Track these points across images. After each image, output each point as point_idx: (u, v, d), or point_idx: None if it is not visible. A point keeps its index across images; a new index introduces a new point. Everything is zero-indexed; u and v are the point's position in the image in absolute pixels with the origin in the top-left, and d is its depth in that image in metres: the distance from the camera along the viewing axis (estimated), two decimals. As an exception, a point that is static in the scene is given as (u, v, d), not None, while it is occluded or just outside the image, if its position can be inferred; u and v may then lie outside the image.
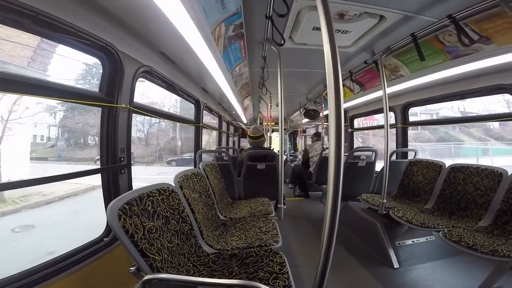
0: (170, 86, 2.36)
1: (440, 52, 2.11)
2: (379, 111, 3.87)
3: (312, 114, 5.32)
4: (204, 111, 3.48)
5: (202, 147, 3.48)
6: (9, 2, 0.95)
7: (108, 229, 1.56)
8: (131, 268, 0.99)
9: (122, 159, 1.63)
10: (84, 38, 1.31)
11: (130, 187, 1.72)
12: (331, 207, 0.73)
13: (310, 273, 2.04)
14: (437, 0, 1.63)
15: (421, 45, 2.04)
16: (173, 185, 1.54)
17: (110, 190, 1.59)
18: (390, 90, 2.82)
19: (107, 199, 1.59)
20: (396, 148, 3.48)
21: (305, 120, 6.06)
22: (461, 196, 2.22)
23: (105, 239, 1.52)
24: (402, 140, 3.44)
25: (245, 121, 7.14)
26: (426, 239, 2.35)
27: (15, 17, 1.01)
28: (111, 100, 1.56)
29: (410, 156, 3.31)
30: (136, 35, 1.61)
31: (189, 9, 1.21)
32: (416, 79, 2.54)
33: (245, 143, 9.62)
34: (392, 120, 3.47)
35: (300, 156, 6.27)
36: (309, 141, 6.97)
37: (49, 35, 1.20)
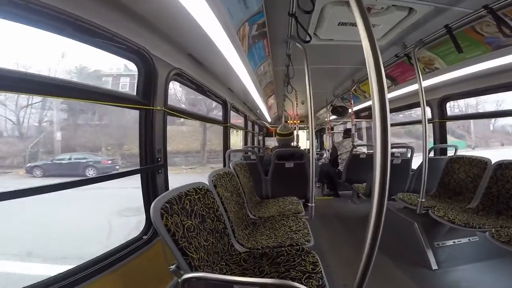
0: (199, 88, 2.44)
1: (478, 43, 1.97)
2: (414, 105, 3.67)
3: (340, 111, 5.19)
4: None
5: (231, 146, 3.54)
6: (51, 9, 1.00)
7: (147, 227, 1.64)
8: (171, 267, 1.01)
9: (159, 159, 1.71)
10: (120, 42, 1.36)
11: (167, 187, 1.80)
12: (377, 207, 0.71)
13: (342, 273, 2.01)
14: None
15: (457, 37, 1.92)
16: (207, 184, 1.58)
17: (149, 190, 1.67)
18: (425, 83, 2.67)
19: (146, 198, 1.67)
20: (434, 144, 3.28)
21: (332, 117, 5.92)
22: (510, 194, 2.05)
23: (144, 237, 1.59)
24: (440, 136, 3.23)
25: (269, 120, 7.14)
26: (469, 239, 2.20)
27: (57, 23, 1.07)
28: (147, 103, 1.63)
29: (450, 152, 3.10)
30: (166, 39, 1.67)
31: (214, 9, 1.23)
32: (453, 72, 2.39)
33: (270, 142, 9.65)
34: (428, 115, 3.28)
35: (326, 154, 6.14)
36: (337, 139, 6.80)
37: (88, 40, 1.26)
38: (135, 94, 1.64)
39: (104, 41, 1.30)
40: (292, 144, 3.41)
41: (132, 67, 1.65)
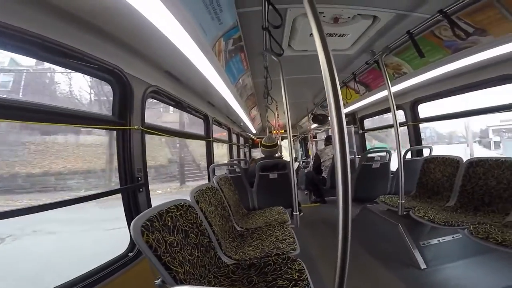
0: (178, 104, 2.44)
1: (438, 47, 2.11)
2: (388, 110, 3.84)
3: (320, 119, 5.32)
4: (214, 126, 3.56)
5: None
6: (16, 31, 0.98)
7: (132, 245, 1.61)
8: (156, 281, 1.02)
9: (139, 178, 1.69)
10: (92, 63, 1.36)
11: (149, 204, 1.77)
12: (343, 208, 0.75)
13: (330, 277, 2.01)
14: None
15: (419, 42, 2.04)
16: (190, 200, 1.57)
17: (131, 208, 1.65)
18: (395, 88, 2.80)
19: (129, 217, 1.65)
20: (410, 146, 3.41)
21: (314, 125, 6.05)
22: (484, 190, 2.14)
23: (129, 254, 1.57)
24: (415, 138, 3.37)
25: (254, 131, 7.20)
26: (453, 237, 2.26)
27: (22, 44, 1.04)
28: (124, 123, 1.62)
29: (426, 153, 3.24)
30: (141, 57, 1.68)
31: (186, 27, 1.25)
32: (420, 76, 2.52)
33: (256, 153, 9.68)
34: (402, 118, 3.43)
35: (311, 162, 6.23)
36: (321, 146, 6.92)
37: (57, 61, 1.24)
38: (111, 114, 1.62)
39: (75, 62, 1.29)
40: (276, 155, 3.44)
41: (25, 61, 1.56)
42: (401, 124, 3.30)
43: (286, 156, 5.44)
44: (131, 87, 1.64)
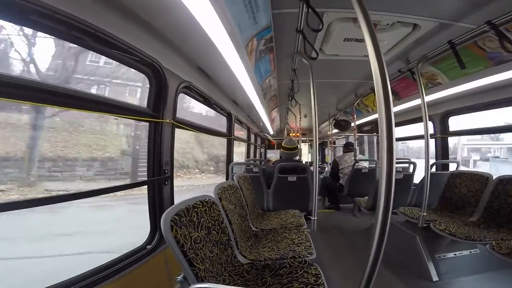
0: (206, 100, 2.48)
1: (480, 59, 2.01)
2: (416, 120, 3.70)
3: (343, 125, 5.22)
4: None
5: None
6: (72, 19, 1.03)
7: (151, 236, 1.64)
8: (178, 277, 1.03)
9: (166, 171, 1.73)
10: (134, 54, 1.40)
11: (172, 198, 1.81)
12: (381, 220, 0.73)
13: (343, 285, 2.03)
14: (473, 7, 1.57)
15: (460, 52, 1.95)
16: (213, 197, 1.59)
17: (155, 201, 1.68)
18: (427, 98, 2.71)
19: (152, 209, 1.68)
20: (436, 159, 3.28)
21: (335, 130, 5.95)
22: (511, 208, 2.08)
23: (148, 246, 1.58)
24: (442, 151, 3.24)
25: (271, 132, 7.19)
26: (470, 252, 2.24)
27: (76, 33, 1.10)
28: (157, 116, 1.66)
29: (452, 168, 3.11)
30: (177, 52, 1.71)
31: (225, 24, 1.26)
32: (456, 87, 2.43)
33: (271, 154, 9.66)
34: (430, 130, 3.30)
35: (327, 168, 6.13)
36: (339, 153, 6.80)
37: (105, 51, 1.29)
38: (145, 106, 1.67)
39: (120, 53, 1.33)
40: (295, 158, 3.42)
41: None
42: (430, 136, 3.19)
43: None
44: (166, 81, 1.67)
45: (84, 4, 1.07)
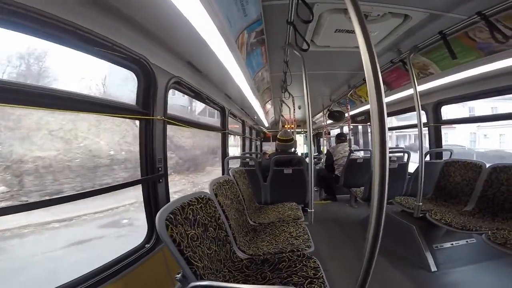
0: (198, 95, 2.45)
1: (471, 49, 2.01)
2: (409, 110, 3.73)
3: (337, 116, 5.23)
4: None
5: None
6: (51, 18, 0.99)
7: (149, 235, 1.63)
8: (177, 276, 1.03)
9: (159, 168, 1.71)
10: (120, 51, 1.36)
11: (168, 195, 1.79)
12: (377, 210, 0.72)
13: (342, 277, 2.04)
14: None
15: (451, 43, 1.95)
16: (209, 193, 1.58)
17: (150, 199, 1.67)
18: (419, 88, 2.71)
19: (148, 208, 1.67)
20: (430, 148, 3.32)
21: (329, 121, 5.97)
22: (505, 197, 2.10)
23: (146, 245, 1.58)
24: (436, 140, 3.28)
25: (266, 125, 7.18)
26: (467, 241, 2.26)
27: (57, 32, 1.05)
28: (147, 113, 1.63)
29: (445, 156, 3.15)
30: (165, 47, 1.67)
31: (214, 18, 1.24)
32: (447, 77, 2.43)
33: (266, 147, 9.66)
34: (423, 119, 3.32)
35: (323, 159, 6.18)
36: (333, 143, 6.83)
37: (88, 50, 1.24)
38: (134, 103, 1.64)
39: (104, 51, 1.29)
40: (291, 150, 3.42)
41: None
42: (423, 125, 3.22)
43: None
44: (155, 77, 1.64)
45: (59, 1, 1.02)
